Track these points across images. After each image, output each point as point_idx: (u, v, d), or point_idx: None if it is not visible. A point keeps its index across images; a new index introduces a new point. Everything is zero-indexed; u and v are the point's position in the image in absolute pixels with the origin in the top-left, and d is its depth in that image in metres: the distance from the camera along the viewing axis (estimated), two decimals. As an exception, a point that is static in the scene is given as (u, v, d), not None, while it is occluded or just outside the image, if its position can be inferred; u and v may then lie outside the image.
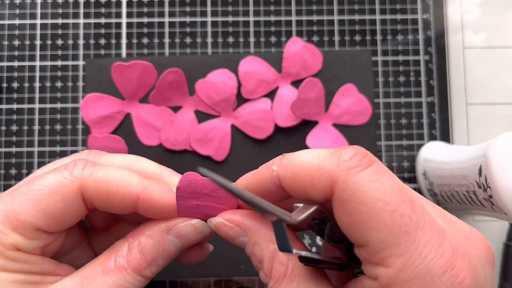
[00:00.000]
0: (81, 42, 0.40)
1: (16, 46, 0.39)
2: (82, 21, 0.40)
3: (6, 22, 0.40)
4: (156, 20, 0.40)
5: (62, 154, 0.38)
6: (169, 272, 0.35)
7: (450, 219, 0.18)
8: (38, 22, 0.40)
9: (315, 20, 0.40)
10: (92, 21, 0.40)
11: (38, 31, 0.39)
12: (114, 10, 0.40)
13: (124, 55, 0.39)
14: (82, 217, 0.22)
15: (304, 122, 0.36)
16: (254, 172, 0.21)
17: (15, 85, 0.39)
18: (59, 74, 0.39)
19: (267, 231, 0.21)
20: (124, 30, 0.40)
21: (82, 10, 0.40)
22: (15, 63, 0.39)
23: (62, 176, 0.20)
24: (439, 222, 0.17)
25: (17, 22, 0.40)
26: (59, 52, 0.39)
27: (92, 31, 0.40)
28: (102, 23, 0.40)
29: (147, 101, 0.36)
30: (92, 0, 0.40)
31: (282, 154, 0.20)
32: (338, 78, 0.37)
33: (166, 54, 0.39)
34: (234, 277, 0.36)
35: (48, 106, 0.39)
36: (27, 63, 0.39)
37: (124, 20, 0.40)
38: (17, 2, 0.40)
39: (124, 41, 0.40)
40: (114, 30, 0.40)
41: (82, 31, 0.40)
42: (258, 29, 0.40)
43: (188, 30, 0.40)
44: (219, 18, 0.40)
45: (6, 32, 0.39)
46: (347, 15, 0.40)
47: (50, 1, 0.40)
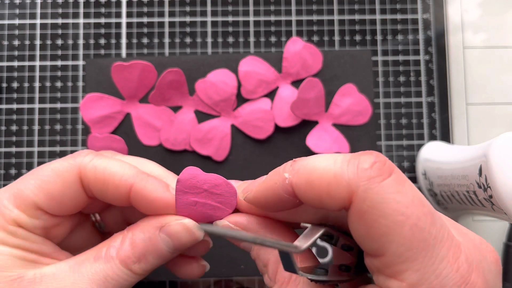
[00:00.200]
0: (81, 42, 0.40)
1: (16, 46, 0.39)
2: (82, 21, 0.40)
3: (6, 22, 0.40)
4: (156, 20, 0.40)
5: (62, 154, 0.38)
6: (169, 272, 0.35)
7: (461, 229, 0.18)
8: (38, 22, 0.40)
9: (315, 20, 0.40)
10: (92, 21, 0.40)
11: (38, 31, 0.39)
12: (114, 10, 0.40)
13: (124, 55, 0.39)
14: (82, 204, 0.23)
15: (304, 122, 0.36)
16: (264, 178, 0.20)
17: (15, 85, 0.39)
18: (59, 74, 0.39)
19: (272, 236, 0.20)
20: (124, 30, 0.40)
21: (82, 10, 0.40)
22: (15, 63, 0.39)
23: (65, 161, 0.22)
24: (454, 233, 0.17)
25: (17, 22, 0.40)
26: (59, 52, 0.39)
27: (92, 31, 0.40)
28: (102, 23, 0.40)
29: (147, 101, 0.36)
30: (92, 0, 0.40)
31: (292, 159, 0.19)
32: (338, 78, 0.37)
33: (166, 54, 0.39)
34: (234, 277, 0.36)
35: (48, 106, 0.39)
36: (27, 63, 0.39)
37: (124, 20, 0.40)
38: (17, 2, 0.40)
39: (124, 41, 0.40)
40: (114, 30, 0.40)
41: (82, 31, 0.40)
42: (258, 29, 0.40)
43: (188, 30, 0.40)
44: (219, 18, 0.40)
45: (6, 32, 0.39)
46: (347, 15, 0.40)
47: (50, 1, 0.40)
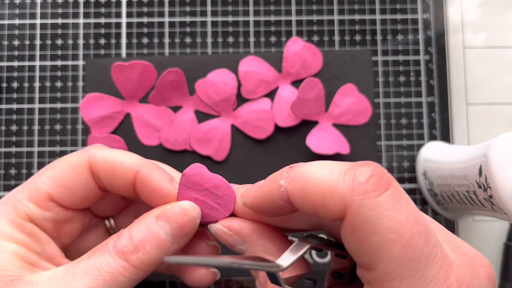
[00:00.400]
0: (81, 42, 0.40)
1: (16, 46, 0.39)
2: (82, 21, 0.40)
3: (6, 22, 0.40)
4: (156, 20, 0.40)
5: (62, 154, 0.38)
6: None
7: (455, 243, 0.18)
8: (38, 22, 0.40)
9: (315, 20, 0.40)
10: (92, 21, 0.40)
11: (38, 31, 0.39)
12: (114, 10, 0.40)
13: (124, 55, 0.39)
14: (94, 197, 0.24)
15: (304, 122, 0.36)
16: (261, 185, 0.20)
17: (15, 85, 0.39)
18: (59, 74, 0.39)
19: (265, 242, 0.20)
20: (124, 30, 0.40)
21: (82, 10, 0.40)
22: (15, 63, 0.39)
23: (78, 153, 0.24)
24: (446, 249, 0.17)
25: (17, 22, 0.40)
26: (59, 52, 0.39)
27: (92, 31, 0.40)
28: (102, 23, 0.40)
29: (147, 101, 0.36)
30: (92, 0, 0.40)
31: (289, 165, 0.18)
32: (338, 78, 0.37)
33: (166, 54, 0.39)
34: (234, 277, 0.36)
35: (48, 106, 0.39)
36: (27, 63, 0.39)
37: (124, 20, 0.40)
38: (17, 2, 0.40)
39: (124, 41, 0.40)
40: (114, 30, 0.40)
41: (82, 31, 0.40)
42: (258, 29, 0.40)
43: (188, 30, 0.40)
44: (219, 18, 0.40)
45: (6, 32, 0.39)
46: (347, 15, 0.40)
47: (50, 1, 0.40)
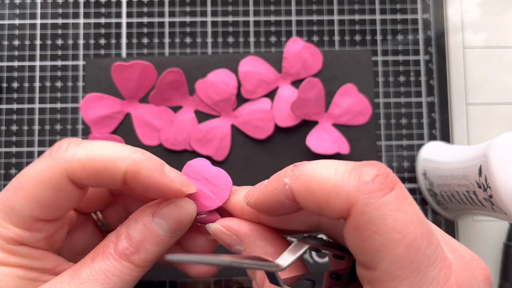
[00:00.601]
0: (81, 42, 0.40)
1: (16, 46, 0.39)
2: (82, 21, 0.40)
3: (6, 22, 0.40)
4: (156, 20, 0.40)
5: (62, 154, 0.38)
6: (169, 272, 0.35)
7: (453, 245, 0.18)
8: (38, 22, 0.40)
9: (315, 20, 0.40)
10: (92, 21, 0.40)
11: (38, 31, 0.39)
12: (114, 10, 0.40)
13: (124, 55, 0.39)
14: (79, 199, 0.21)
15: (304, 122, 0.36)
16: (265, 183, 0.20)
17: (15, 85, 0.39)
18: (59, 74, 0.39)
19: (263, 243, 0.20)
20: (124, 30, 0.40)
21: (82, 10, 0.40)
22: (15, 63, 0.39)
23: (45, 163, 0.20)
24: (445, 250, 0.17)
25: (17, 22, 0.40)
26: (59, 52, 0.39)
27: (92, 31, 0.40)
28: (102, 23, 0.40)
29: (147, 101, 0.36)
30: (92, 0, 0.40)
31: (293, 164, 0.18)
32: (338, 78, 0.37)
33: (166, 54, 0.39)
34: (234, 277, 0.36)
35: (48, 106, 0.39)
36: (27, 63, 0.39)
37: (124, 20, 0.40)
38: (17, 2, 0.40)
39: (124, 41, 0.40)
40: (114, 30, 0.40)
41: (82, 31, 0.40)
42: (258, 29, 0.40)
43: (188, 30, 0.40)
44: (219, 18, 0.40)
45: (6, 32, 0.39)
46: (347, 15, 0.40)
47: (50, 1, 0.40)
